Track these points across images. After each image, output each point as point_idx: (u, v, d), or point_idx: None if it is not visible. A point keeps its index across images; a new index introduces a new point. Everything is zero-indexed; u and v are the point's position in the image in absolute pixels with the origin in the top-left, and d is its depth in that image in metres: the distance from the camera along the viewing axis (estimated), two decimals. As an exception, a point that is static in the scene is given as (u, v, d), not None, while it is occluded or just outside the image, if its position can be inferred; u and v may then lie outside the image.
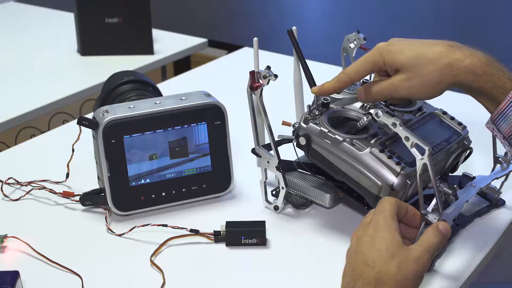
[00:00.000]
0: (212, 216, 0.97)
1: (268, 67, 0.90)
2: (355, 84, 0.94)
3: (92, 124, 0.92)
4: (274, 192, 1.00)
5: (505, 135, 0.79)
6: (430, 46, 0.80)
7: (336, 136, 0.86)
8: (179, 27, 1.98)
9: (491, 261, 0.92)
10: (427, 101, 0.96)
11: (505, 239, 0.95)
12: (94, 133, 0.93)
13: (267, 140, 0.95)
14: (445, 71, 0.79)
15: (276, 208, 0.98)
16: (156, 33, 1.78)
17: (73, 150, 1.02)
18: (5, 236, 0.90)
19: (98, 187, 0.98)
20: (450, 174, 0.93)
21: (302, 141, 0.89)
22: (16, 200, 1.02)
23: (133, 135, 0.93)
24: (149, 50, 1.72)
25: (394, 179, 0.83)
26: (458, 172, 0.97)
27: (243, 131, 1.07)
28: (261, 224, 0.91)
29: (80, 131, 0.97)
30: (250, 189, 1.03)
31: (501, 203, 0.98)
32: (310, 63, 0.96)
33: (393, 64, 0.82)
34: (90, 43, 1.70)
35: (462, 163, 0.95)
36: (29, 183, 1.04)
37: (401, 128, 0.79)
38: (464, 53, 0.79)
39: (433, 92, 0.82)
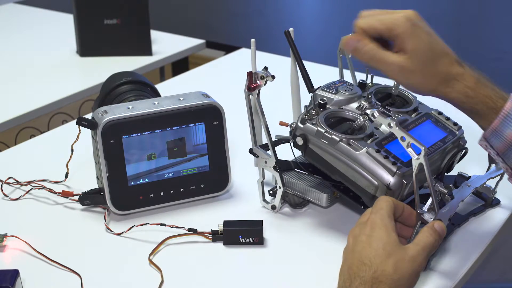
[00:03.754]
0: (210, 215, 0.97)
1: (266, 68, 0.91)
2: (351, 85, 0.95)
3: (91, 124, 0.93)
4: (271, 192, 1.00)
5: (498, 151, 0.80)
6: (440, 55, 0.79)
7: (333, 136, 0.87)
8: (177, 28, 1.99)
9: (486, 260, 0.93)
10: (422, 101, 0.97)
11: (500, 238, 0.95)
12: (93, 133, 0.94)
13: (265, 140, 0.95)
14: (442, 84, 0.79)
15: (273, 207, 0.98)
16: (155, 34, 1.78)
17: (72, 150, 1.03)
18: (5, 235, 0.91)
19: (97, 186, 0.99)
20: (445, 173, 0.94)
21: (299, 141, 0.89)
22: (16, 199, 1.02)
23: (131, 135, 0.94)
24: (148, 51, 1.73)
25: (390, 179, 0.84)
26: (454, 172, 0.97)
27: (240, 131, 1.08)
28: (259, 223, 0.92)
29: (79, 131, 0.98)
30: (248, 188, 1.03)
31: (496, 203, 0.99)
32: (307, 64, 0.96)
33: (404, 46, 0.78)
34: (89, 44, 1.71)
35: (457, 162, 0.95)
36: (29, 182, 1.05)
37: (397, 128, 0.79)
38: (461, 73, 0.79)
39: (422, 93, 0.82)
